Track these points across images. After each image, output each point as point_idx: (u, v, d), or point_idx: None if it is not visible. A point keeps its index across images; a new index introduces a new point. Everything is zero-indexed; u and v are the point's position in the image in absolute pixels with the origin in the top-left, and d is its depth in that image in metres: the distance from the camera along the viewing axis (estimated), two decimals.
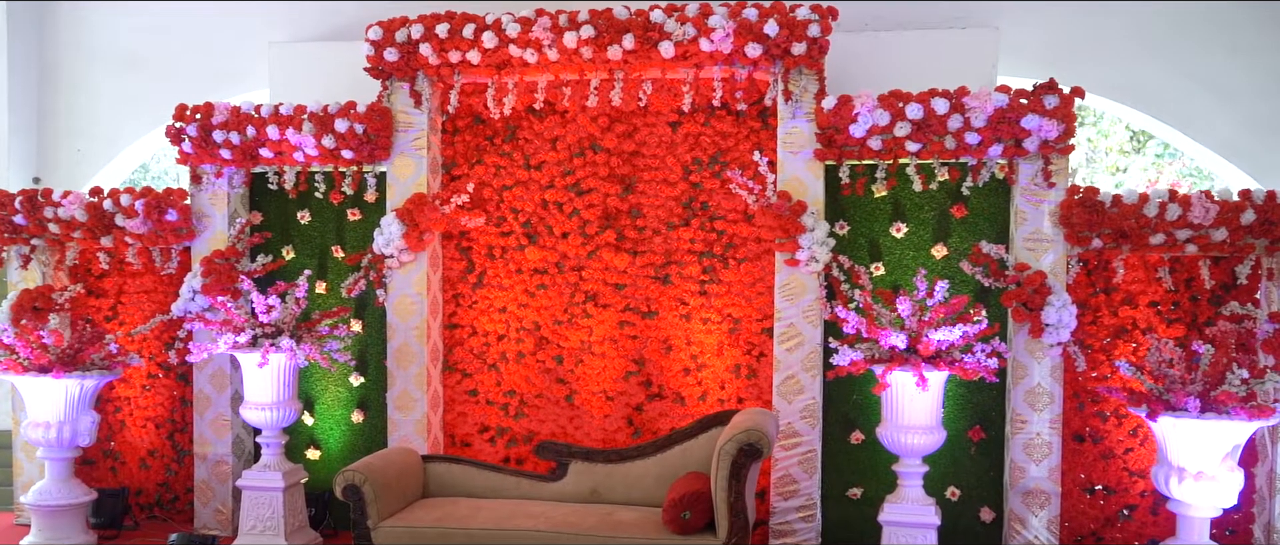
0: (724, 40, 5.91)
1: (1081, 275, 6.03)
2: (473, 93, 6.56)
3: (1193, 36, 6.88)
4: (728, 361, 6.48)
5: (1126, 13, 6.87)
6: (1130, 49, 6.90)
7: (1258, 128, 6.84)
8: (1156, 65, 6.88)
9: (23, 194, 6.75)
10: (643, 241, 6.53)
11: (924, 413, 5.40)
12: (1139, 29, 6.89)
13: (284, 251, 6.88)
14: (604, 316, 6.57)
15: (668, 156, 6.49)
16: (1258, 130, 6.84)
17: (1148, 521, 6.07)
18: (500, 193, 6.68)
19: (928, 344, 5.25)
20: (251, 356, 5.99)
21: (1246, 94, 6.82)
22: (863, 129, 5.83)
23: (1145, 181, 13.17)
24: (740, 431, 5.11)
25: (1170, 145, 12.56)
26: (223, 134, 6.48)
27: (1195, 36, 6.88)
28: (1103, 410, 6.08)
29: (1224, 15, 6.84)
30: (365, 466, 5.47)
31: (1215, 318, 5.84)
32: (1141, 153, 13.43)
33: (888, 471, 5.97)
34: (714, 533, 5.17)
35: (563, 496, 5.87)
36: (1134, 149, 13.43)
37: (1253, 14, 6.82)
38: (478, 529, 5.29)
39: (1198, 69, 6.86)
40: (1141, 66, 6.89)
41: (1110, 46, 6.88)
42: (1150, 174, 13.30)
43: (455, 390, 6.77)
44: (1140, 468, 6.04)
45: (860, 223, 6.28)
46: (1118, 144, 13.42)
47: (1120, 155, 13.54)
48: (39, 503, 6.21)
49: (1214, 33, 6.84)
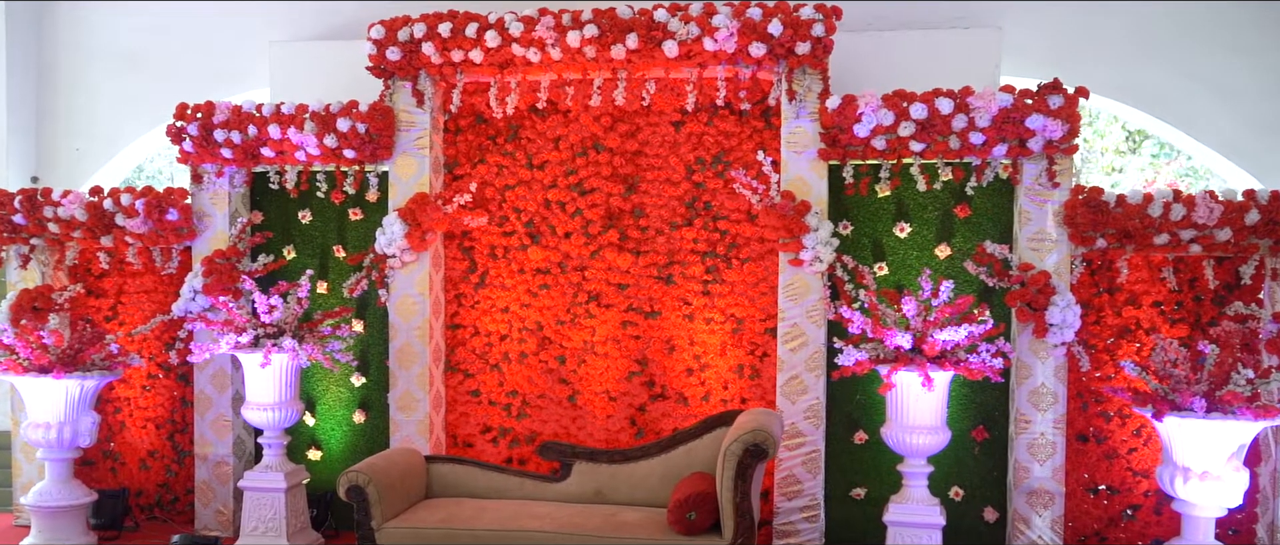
0: (728, 39, 5.90)
1: (1085, 275, 6.03)
2: (475, 92, 6.54)
3: (1195, 37, 6.88)
4: (731, 361, 6.46)
5: (1129, 13, 6.87)
6: (1132, 49, 6.89)
7: (1260, 128, 6.84)
8: (1159, 65, 6.88)
9: (22, 193, 6.72)
10: (645, 241, 6.51)
11: (929, 413, 5.40)
12: (1141, 29, 6.88)
13: (285, 251, 6.86)
14: (607, 316, 6.56)
15: (671, 156, 6.48)
16: (1260, 130, 6.84)
17: (1151, 521, 6.07)
18: (503, 192, 6.66)
19: (933, 344, 5.24)
20: (254, 357, 5.96)
21: (1249, 94, 6.82)
22: (867, 129, 5.82)
23: (1142, 182, 13.18)
24: (746, 432, 5.09)
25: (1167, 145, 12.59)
26: (224, 133, 6.45)
27: (1198, 37, 6.87)
28: (1106, 410, 6.08)
29: (1226, 15, 6.84)
30: (369, 467, 5.45)
31: (1218, 318, 5.85)
32: (1137, 153, 13.43)
33: (891, 471, 5.97)
34: (719, 533, 5.15)
35: (567, 497, 5.85)
36: (1130, 149, 13.44)
37: (1255, 14, 6.82)
38: (483, 530, 5.27)
39: (1200, 69, 6.86)
40: (1144, 67, 6.89)
41: (1112, 46, 6.87)
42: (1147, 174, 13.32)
43: (457, 391, 6.75)
44: (1144, 467, 6.04)
45: (863, 223, 6.27)
46: (1114, 144, 13.43)
47: (1116, 155, 13.55)
48: (39, 504, 6.18)
49: (1216, 33, 6.84)
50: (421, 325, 6.46)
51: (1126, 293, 6.02)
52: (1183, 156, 12.76)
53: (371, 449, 6.69)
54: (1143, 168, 13.44)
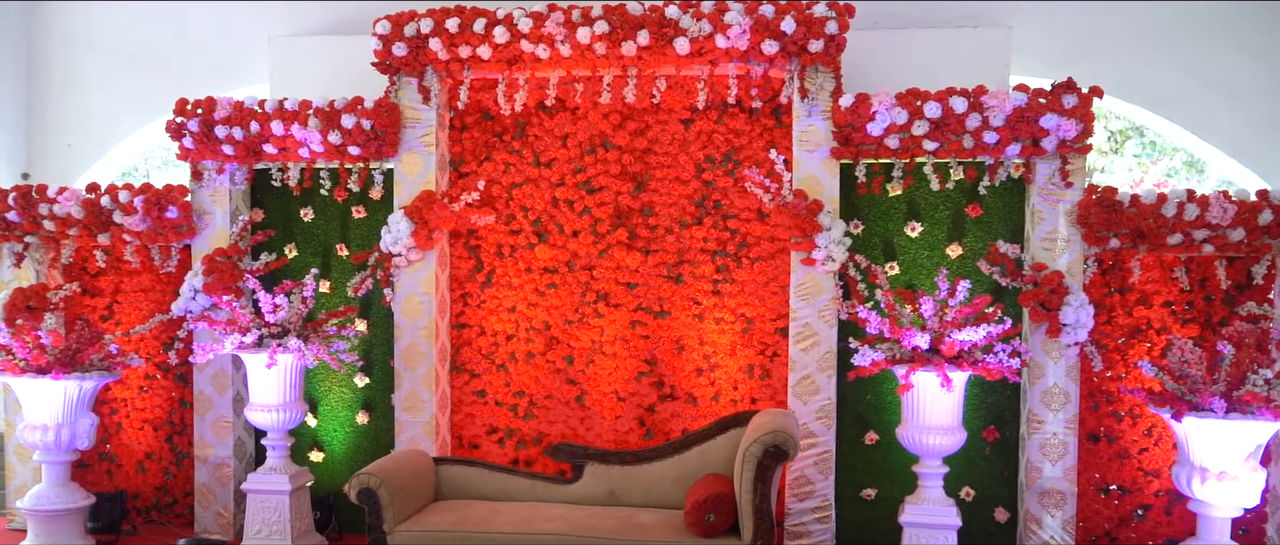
0: (741, 37, 5.84)
1: (1096, 275, 6.02)
2: (482, 88, 6.45)
3: (1202, 37, 6.89)
4: (741, 362, 6.42)
5: (1137, 13, 6.87)
6: (1140, 49, 6.90)
7: (1268, 128, 6.86)
8: (1166, 65, 6.89)
9: (16, 190, 6.57)
10: (655, 240, 6.45)
11: (946, 413, 5.37)
12: (1149, 29, 6.89)
13: (286, 249, 6.74)
14: (615, 316, 6.50)
15: (680, 154, 6.43)
16: (1268, 131, 6.87)
17: (1162, 521, 6.07)
18: (510, 190, 6.58)
19: (951, 344, 5.21)
20: (258, 357, 5.86)
21: (1256, 94, 6.83)
22: (880, 127, 5.78)
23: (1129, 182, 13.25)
24: (765, 433, 5.04)
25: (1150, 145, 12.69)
26: (225, 129, 6.34)
27: (1205, 37, 6.89)
28: (1117, 410, 6.08)
29: (1233, 16, 6.85)
30: (380, 469, 5.36)
31: (1229, 318, 5.86)
32: (1120, 154, 13.50)
33: (903, 472, 5.95)
34: (738, 535, 5.10)
35: (579, 499, 5.78)
36: (1112, 150, 13.51)
37: (1262, 15, 6.84)
38: (496, 532, 5.19)
39: (1208, 69, 6.87)
40: (1151, 66, 6.90)
41: (1120, 46, 6.87)
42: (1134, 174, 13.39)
43: (463, 391, 6.66)
44: (1155, 467, 6.04)
45: (874, 222, 6.24)
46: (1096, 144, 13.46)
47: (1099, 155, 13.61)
48: (37, 507, 6.04)
49: (1223, 33, 6.85)
50: (427, 325, 6.36)
51: (1137, 292, 6.01)
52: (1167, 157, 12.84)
53: (375, 451, 6.60)
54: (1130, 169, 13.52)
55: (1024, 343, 5.84)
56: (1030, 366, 5.95)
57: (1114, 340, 6.04)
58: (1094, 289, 6.01)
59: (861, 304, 5.79)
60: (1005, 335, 5.33)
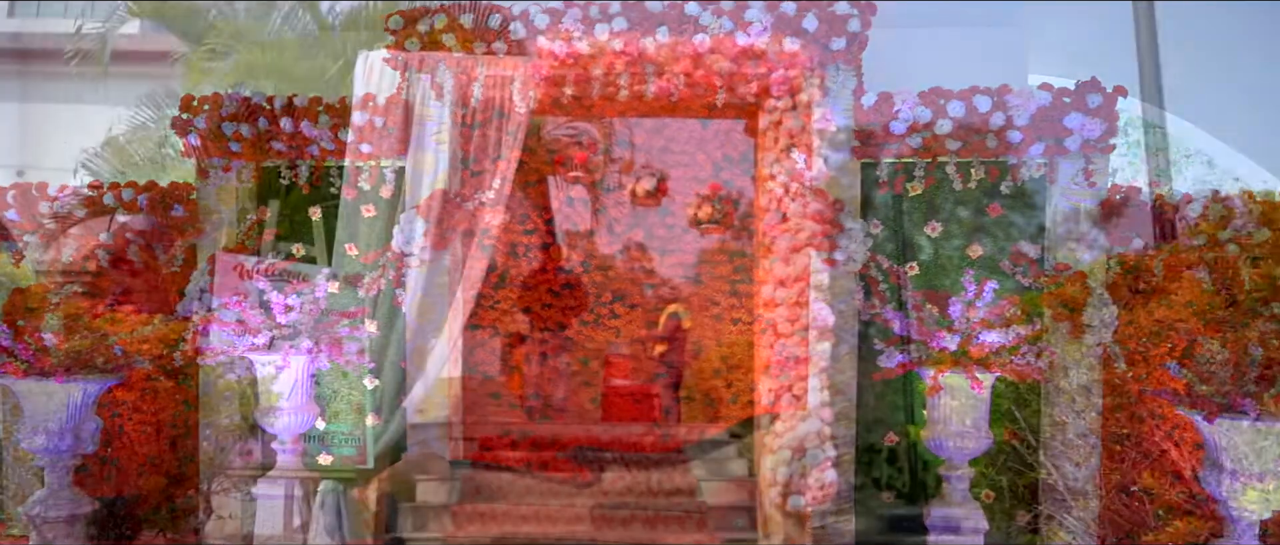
0: (762, 34, 5.78)
1: (1118, 275, 5.98)
2: (496, 85, 6.35)
3: (1212, 37, 6.89)
4: (760, 363, 6.34)
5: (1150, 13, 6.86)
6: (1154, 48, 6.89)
7: None
8: (1182, 66, 6.87)
9: (15, 188, 6.41)
10: (672, 240, 6.38)
11: (973, 415, 5.32)
12: (1163, 29, 6.88)
13: (294, 249, 6.61)
14: (632, 317, 6.41)
15: (698, 153, 6.35)
16: None
17: (1183, 523, 6.03)
18: (524, 189, 6.48)
19: (980, 346, 5.16)
20: (271, 358, 5.73)
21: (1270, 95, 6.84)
22: (903, 126, 5.74)
23: None
24: (789, 436, 4.98)
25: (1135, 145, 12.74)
26: (233, 126, 6.20)
27: (1216, 38, 6.88)
28: (1139, 411, 6.04)
29: (1245, 16, 6.85)
30: (395, 474, 5.25)
31: (1252, 319, 5.83)
32: None
33: (922, 473, 5.90)
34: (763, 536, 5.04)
35: (598, 501, 5.69)
36: None
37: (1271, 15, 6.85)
38: (512, 535, 5.10)
39: (1220, 70, 6.87)
40: (1166, 66, 6.88)
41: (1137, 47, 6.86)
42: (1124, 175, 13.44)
43: (476, 393, 6.56)
44: (1178, 469, 6.01)
45: (894, 221, 6.18)
46: None
47: None
48: (39, 513, 5.88)
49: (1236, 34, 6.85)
50: (440, 325, 6.25)
51: (1160, 293, 5.98)
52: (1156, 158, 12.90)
53: (386, 453, 6.47)
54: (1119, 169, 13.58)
55: (1046, 343, 5.79)
56: (1053, 367, 5.91)
57: (1136, 341, 6.00)
58: (1115, 289, 5.97)
59: (885, 304, 5.73)
60: (1032, 336, 5.28)
